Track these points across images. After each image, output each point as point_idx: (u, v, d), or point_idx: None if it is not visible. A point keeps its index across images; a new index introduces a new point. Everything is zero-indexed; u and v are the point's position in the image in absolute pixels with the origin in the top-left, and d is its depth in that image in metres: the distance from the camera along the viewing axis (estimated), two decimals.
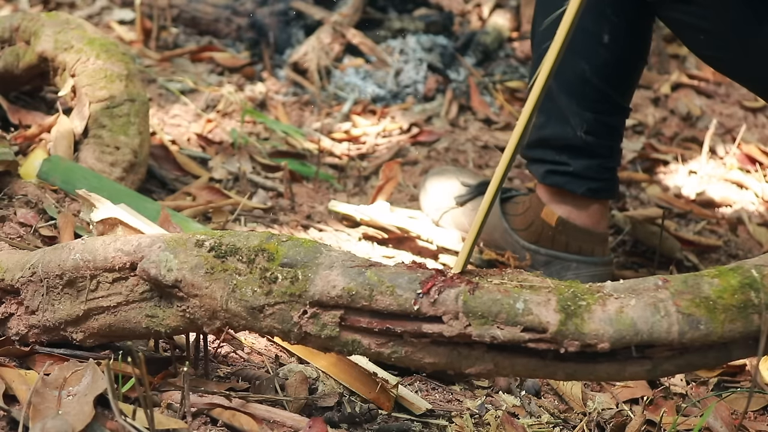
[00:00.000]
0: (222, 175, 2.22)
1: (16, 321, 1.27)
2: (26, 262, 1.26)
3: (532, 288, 1.08)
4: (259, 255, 1.14)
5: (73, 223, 1.67)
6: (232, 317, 1.15)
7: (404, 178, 2.45)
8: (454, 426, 1.34)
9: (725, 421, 1.42)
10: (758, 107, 3.18)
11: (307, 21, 3.18)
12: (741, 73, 1.76)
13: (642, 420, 1.36)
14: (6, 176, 1.75)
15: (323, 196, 2.28)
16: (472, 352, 1.09)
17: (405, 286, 1.08)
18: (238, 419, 1.19)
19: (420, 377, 1.50)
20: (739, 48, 1.68)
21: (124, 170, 1.89)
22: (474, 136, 2.75)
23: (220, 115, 2.54)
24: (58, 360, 1.24)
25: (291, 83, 2.95)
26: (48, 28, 1.97)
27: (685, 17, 1.70)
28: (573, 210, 1.97)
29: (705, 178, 2.71)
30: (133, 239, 1.21)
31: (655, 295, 1.07)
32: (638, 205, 2.53)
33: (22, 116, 2.07)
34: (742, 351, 1.09)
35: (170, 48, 3.04)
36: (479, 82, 3.09)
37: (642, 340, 1.05)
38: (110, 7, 3.21)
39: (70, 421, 1.05)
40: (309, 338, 1.13)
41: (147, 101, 1.97)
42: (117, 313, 1.21)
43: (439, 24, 3.31)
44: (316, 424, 1.18)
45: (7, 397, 1.12)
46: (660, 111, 3.08)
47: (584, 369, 1.09)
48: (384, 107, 2.88)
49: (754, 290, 1.06)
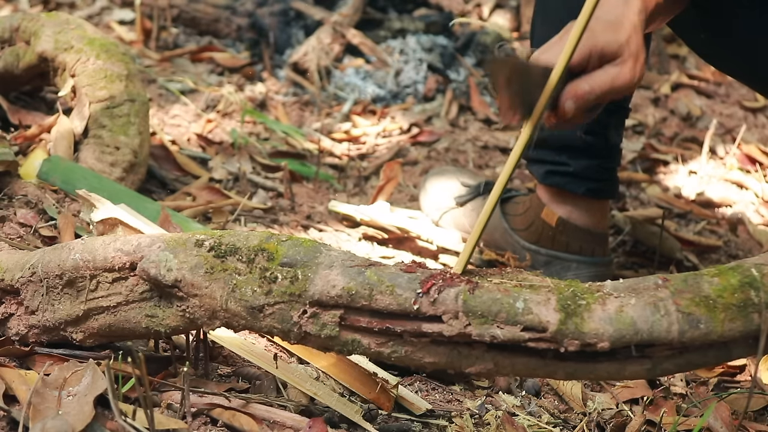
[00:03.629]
0: (222, 175, 2.22)
1: (16, 321, 1.27)
2: (26, 262, 1.26)
3: (531, 287, 1.08)
4: (258, 255, 1.14)
5: (73, 223, 1.67)
6: (231, 317, 1.15)
7: (404, 178, 2.45)
8: (454, 426, 1.34)
9: (725, 421, 1.42)
10: (758, 107, 3.18)
11: (307, 21, 3.18)
12: (741, 70, 1.76)
13: (642, 420, 1.36)
14: (6, 176, 1.75)
15: (323, 196, 2.28)
16: (472, 351, 1.09)
17: (405, 285, 1.08)
18: (238, 419, 1.19)
19: (420, 377, 1.50)
20: (742, 46, 1.67)
21: (124, 170, 1.89)
22: (474, 136, 2.75)
23: (220, 115, 2.54)
24: (58, 360, 1.24)
25: (291, 83, 2.95)
26: (48, 28, 1.97)
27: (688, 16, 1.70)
28: (573, 210, 1.97)
29: (705, 178, 2.71)
30: (133, 239, 1.21)
31: (655, 294, 1.07)
32: (638, 205, 2.53)
33: (22, 116, 2.07)
34: (742, 350, 1.09)
35: (170, 48, 3.04)
36: (479, 82, 3.09)
37: (642, 339, 1.05)
38: (110, 7, 3.21)
39: (70, 421, 1.05)
40: (309, 338, 1.13)
41: (147, 101, 1.98)
42: (117, 313, 1.21)
43: (439, 24, 3.31)
44: (316, 424, 1.18)
45: (7, 397, 1.12)
46: (660, 111, 3.08)
47: (584, 368, 1.09)
48: (384, 107, 2.89)
49: (754, 289, 1.06)
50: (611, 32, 1.28)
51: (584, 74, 1.26)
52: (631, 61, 1.29)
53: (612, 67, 1.28)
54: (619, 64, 1.28)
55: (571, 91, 1.23)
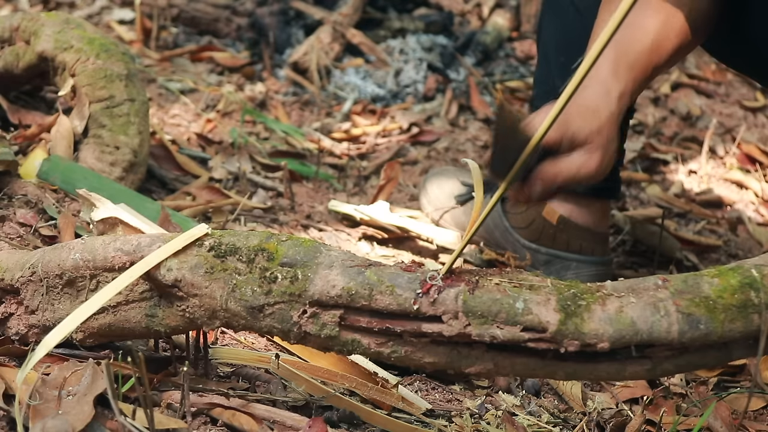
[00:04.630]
0: (222, 174, 2.22)
1: (15, 321, 1.27)
2: (26, 261, 1.26)
3: (531, 287, 1.08)
4: (258, 254, 1.14)
5: (73, 223, 1.67)
6: (231, 317, 1.15)
7: (404, 178, 2.45)
8: (454, 426, 1.34)
9: (725, 421, 1.42)
10: (758, 107, 3.18)
11: (307, 21, 3.18)
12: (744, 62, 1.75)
13: (642, 420, 1.36)
14: (6, 176, 1.75)
15: (323, 196, 2.28)
16: (472, 351, 1.09)
17: (404, 285, 1.08)
18: (238, 419, 1.19)
19: (420, 377, 1.50)
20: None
21: (124, 170, 1.89)
22: (474, 136, 2.75)
23: (220, 115, 2.54)
24: (58, 360, 1.24)
25: (291, 83, 2.95)
26: (48, 27, 1.96)
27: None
28: (575, 209, 1.97)
29: (705, 178, 2.71)
30: (133, 239, 1.21)
31: (655, 294, 1.07)
32: (638, 205, 2.53)
33: (22, 116, 2.07)
34: (742, 351, 1.09)
35: (170, 48, 3.04)
36: (479, 82, 3.09)
37: (642, 339, 1.05)
38: (110, 7, 3.21)
39: (70, 421, 1.05)
40: (308, 338, 1.13)
41: (147, 101, 1.97)
42: (117, 312, 1.21)
43: (439, 24, 3.31)
44: (316, 424, 1.18)
45: (7, 397, 1.12)
46: (660, 111, 3.08)
47: (584, 368, 1.09)
48: (384, 107, 2.89)
49: (754, 290, 1.06)
50: (585, 119, 1.29)
51: (557, 155, 1.27)
52: (599, 153, 1.30)
53: (580, 155, 1.28)
54: (587, 152, 1.29)
55: (540, 175, 1.24)
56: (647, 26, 1.40)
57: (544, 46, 2.00)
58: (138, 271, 1.14)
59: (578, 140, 1.28)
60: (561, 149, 1.27)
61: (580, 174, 1.28)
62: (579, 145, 1.28)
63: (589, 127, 1.28)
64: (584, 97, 1.30)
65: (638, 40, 1.39)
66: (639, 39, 1.39)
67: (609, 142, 1.31)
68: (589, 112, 1.30)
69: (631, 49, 1.38)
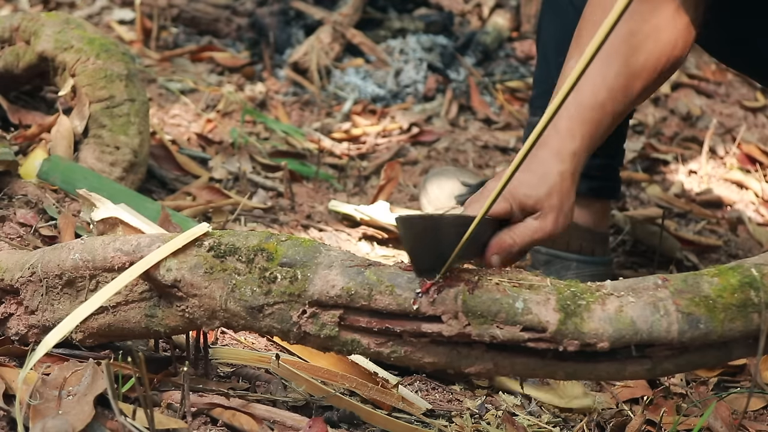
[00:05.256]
0: (222, 175, 2.22)
1: (15, 321, 1.27)
2: (26, 262, 1.26)
3: (531, 287, 1.08)
4: (258, 255, 1.14)
5: (73, 223, 1.67)
6: (231, 317, 1.15)
7: (404, 178, 2.45)
8: (454, 426, 1.34)
9: (725, 421, 1.42)
10: (758, 107, 3.18)
11: (307, 21, 3.18)
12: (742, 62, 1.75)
13: (642, 420, 1.36)
14: (6, 176, 1.75)
15: (323, 196, 2.28)
16: (472, 351, 1.09)
17: (404, 285, 1.08)
18: (238, 419, 1.19)
19: (420, 377, 1.50)
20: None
21: (124, 170, 1.89)
22: (474, 136, 2.75)
23: (220, 115, 2.54)
24: (58, 360, 1.24)
25: (291, 83, 2.95)
26: (48, 28, 1.97)
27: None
28: (575, 209, 1.97)
29: (705, 178, 2.71)
30: (133, 239, 1.21)
31: (655, 294, 1.07)
32: (638, 205, 2.53)
33: (22, 116, 2.07)
34: (742, 350, 1.09)
35: (170, 48, 3.04)
36: (479, 82, 3.09)
37: (642, 339, 1.05)
38: (110, 7, 3.21)
39: (70, 421, 1.05)
40: (308, 338, 1.13)
41: (147, 101, 1.98)
42: (116, 312, 1.21)
43: (439, 24, 3.31)
44: (316, 424, 1.18)
45: (7, 397, 1.12)
46: (660, 111, 3.08)
47: (584, 368, 1.09)
48: (384, 107, 2.89)
49: (754, 289, 1.06)
50: (532, 186, 1.29)
51: (510, 224, 1.27)
52: (552, 215, 1.30)
53: (533, 220, 1.29)
54: (539, 217, 1.29)
55: (496, 245, 1.24)
56: (606, 74, 1.39)
57: (543, 46, 2.00)
58: (137, 271, 1.14)
59: (527, 207, 1.29)
60: (513, 218, 1.27)
61: (536, 237, 1.29)
62: (530, 212, 1.29)
63: (536, 194, 1.29)
64: (535, 162, 1.31)
65: (592, 93, 1.38)
66: (593, 92, 1.38)
67: (563, 202, 1.32)
68: (535, 178, 1.30)
69: (586, 102, 1.37)
